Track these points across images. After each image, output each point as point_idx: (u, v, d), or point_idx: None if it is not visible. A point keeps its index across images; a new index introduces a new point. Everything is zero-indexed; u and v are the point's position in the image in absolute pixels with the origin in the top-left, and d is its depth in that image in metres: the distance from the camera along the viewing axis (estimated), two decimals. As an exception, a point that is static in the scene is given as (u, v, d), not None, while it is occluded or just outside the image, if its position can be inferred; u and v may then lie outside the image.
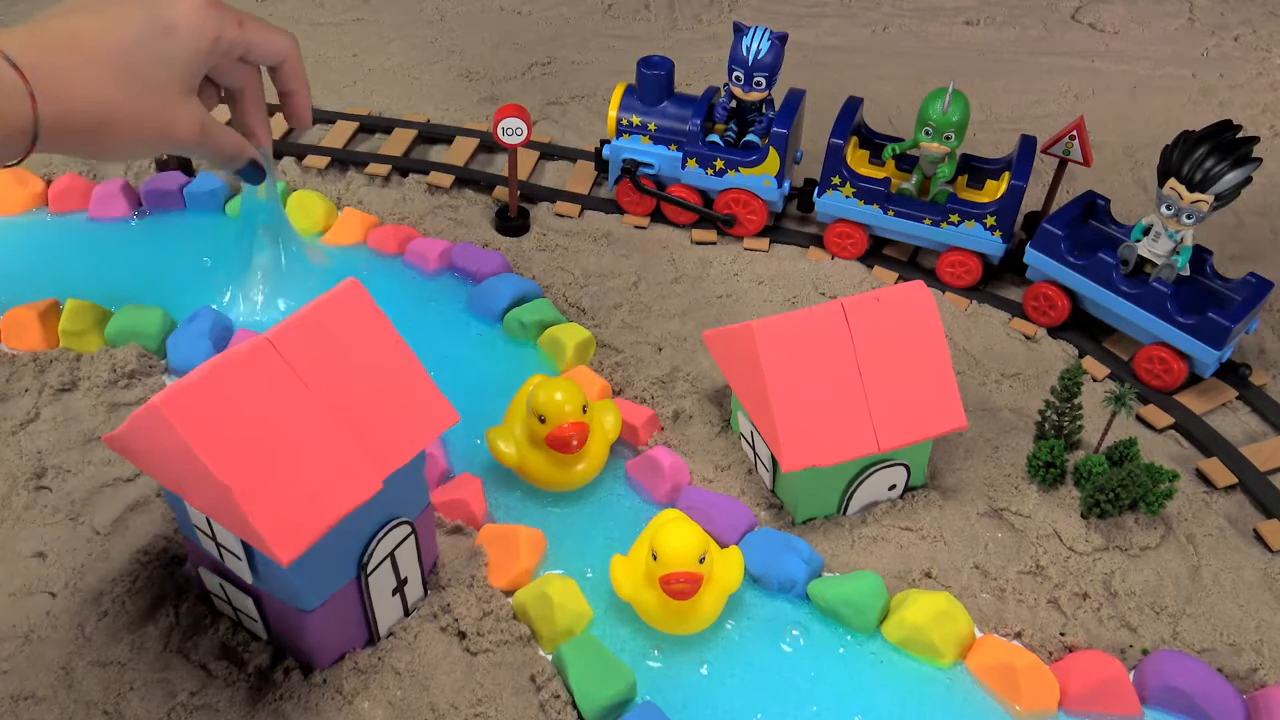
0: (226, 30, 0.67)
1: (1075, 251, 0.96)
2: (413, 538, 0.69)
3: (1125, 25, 1.53)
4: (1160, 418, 0.92)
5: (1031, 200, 1.11)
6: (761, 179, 1.05)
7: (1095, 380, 0.95)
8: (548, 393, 0.76)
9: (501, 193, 1.13)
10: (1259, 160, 0.86)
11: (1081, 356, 0.98)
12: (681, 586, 0.67)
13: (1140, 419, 0.92)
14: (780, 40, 1.00)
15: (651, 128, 1.06)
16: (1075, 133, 0.98)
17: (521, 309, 0.95)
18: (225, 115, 0.78)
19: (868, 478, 0.79)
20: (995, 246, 1.01)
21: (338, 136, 1.19)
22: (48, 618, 0.71)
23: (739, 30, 1.00)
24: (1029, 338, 0.99)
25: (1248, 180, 0.86)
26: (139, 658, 0.69)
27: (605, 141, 1.11)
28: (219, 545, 0.64)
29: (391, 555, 0.68)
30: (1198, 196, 0.86)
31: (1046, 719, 0.69)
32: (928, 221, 1.02)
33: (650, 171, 1.08)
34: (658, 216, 1.11)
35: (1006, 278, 1.06)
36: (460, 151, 1.18)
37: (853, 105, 1.05)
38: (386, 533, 0.66)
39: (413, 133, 1.20)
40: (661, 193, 1.09)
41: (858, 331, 0.76)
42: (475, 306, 0.97)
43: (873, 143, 1.07)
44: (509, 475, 0.82)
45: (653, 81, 1.05)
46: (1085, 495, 0.80)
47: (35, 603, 0.72)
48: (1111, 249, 0.94)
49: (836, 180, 1.03)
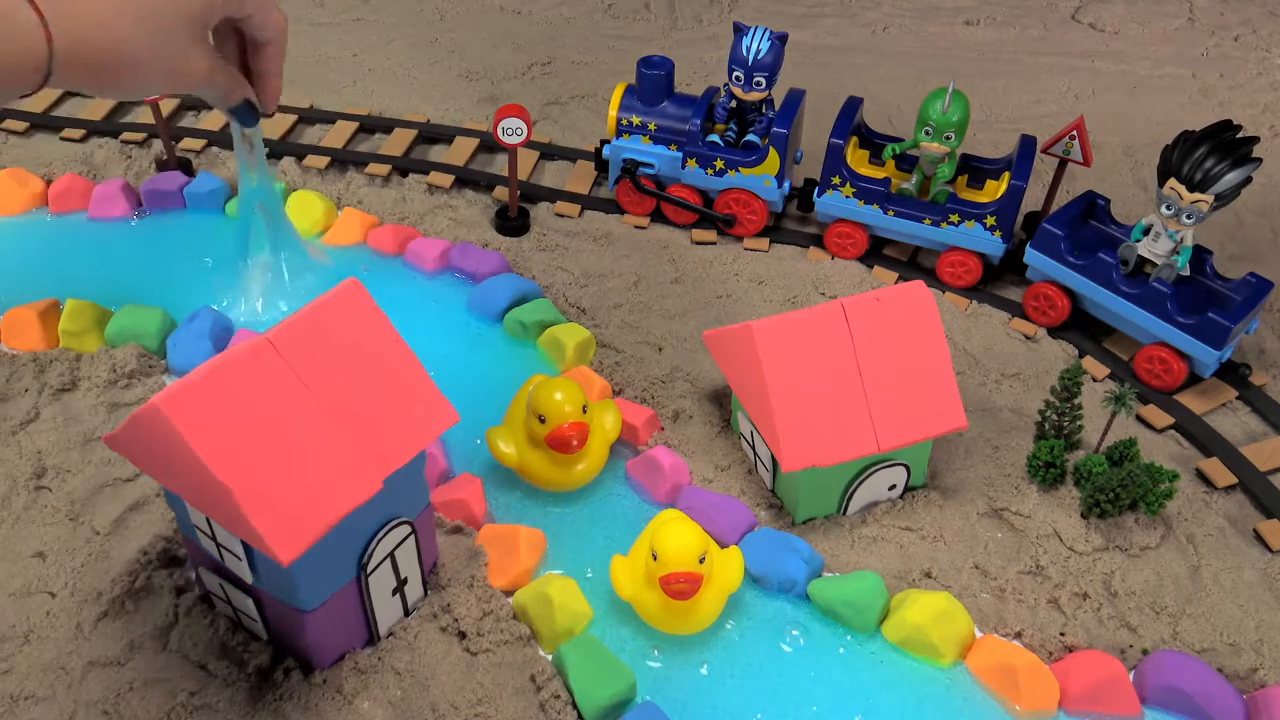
0: None
1: (1075, 251, 0.96)
2: (413, 538, 0.69)
3: (1125, 25, 1.53)
4: (1160, 418, 0.92)
5: (1031, 200, 1.11)
6: (761, 179, 1.05)
7: (1095, 380, 0.95)
8: (548, 393, 0.76)
9: (501, 193, 1.13)
10: (1259, 160, 0.86)
11: (1081, 356, 0.98)
12: (681, 586, 0.67)
13: (1140, 419, 0.92)
14: (780, 40, 1.00)
15: (651, 128, 1.06)
16: (1075, 133, 0.98)
17: (521, 309, 0.95)
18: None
19: (868, 478, 0.79)
20: (995, 246, 1.01)
21: (338, 136, 1.19)
22: (48, 618, 0.71)
23: (739, 30, 1.00)
24: (1029, 338, 0.99)
25: (1248, 180, 0.86)
26: (139, 658, 0.69)
27: (605, 141, 1.11)
28: (219, 545, 0.64)
29: (391, 555, 0.68)
30: (1198, 196, 0.86)
31: (1046, 719, 0.69)
32: (928, 221, 1.02)
33: (650, 171, 1.08)
34: (658, 216, 1.11)
35: (1006, 278, 1.06)
36: (460, 151, 1.18)
37: (853, 105, 1.05)
38: (386, 533, 0.66)
39: (413, 133, 1.20)
40: (661, 193, 1.09)
41: (858, 331, 0.76)
42: (475, 306, 0.97)
43: (873, 143, 1.07)
44: (509, 475, 0.82)
45: (653, 81, 1.05)
46: (1085, 495, 0.80)
47: (35, 603, 0.72)
48: (1111, 249, 0.94)
49: (836, 180, 1.03)
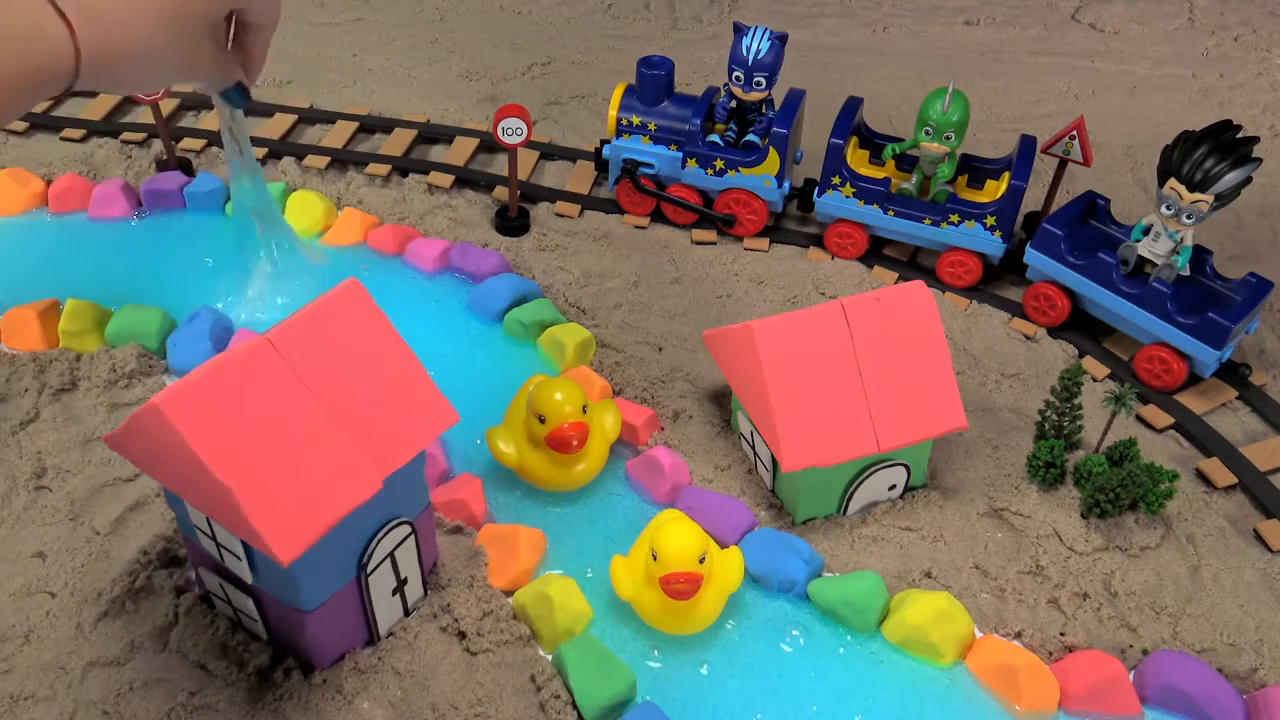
0: None
1: (1075, 251, 0.96)
2: (413, 538, 0.69)
3: (1125, 25, 1.53)
4: (1160, 418, 0.92)
5: (1031, 200, 1.11)
6: (761, 179, 1.05)
7: (1095, 380, 0.95)
8: (548, 393, 0.76)
9: (501, 193, 1.13)
10: (1259, 160, 0.86)
11: (1081, 356, 0.98)
12: (681, 586, 0.67)
13: (1140, 419, 0.92)
14: (780, 40, 1.00)
15: (651, 128, 1.06)
16: (1075, 133, 0.98)
17: (521, 309, 0.95)
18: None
19: (868, 478, 0.79)
20: (995, 246, 1.01)
21: (338, 136, 1.19)
22: (48, 618, 0.71)
23: (739, 30, 1.00)
24: (1029, 338, 0.99)
25: (1248, 180, 0.86)
26: (139, 658, 0.69)
27: (605, 141, 1.11)
28: (219, 545, 0.64)
29: (391, 555, 0.68)
30: (1198, 196, 0.86)
31: (1046, 719, 0.69)
32: (928, 221, 1.02)
33: (650, 171, 1.08)
34: (658, 216, 1.11)
35: (1006, 278, 1.06)
36: (460, 151, 1.18)
37: (853, 105, 1.05)
38: (386, 533, 0.66)
39: (413, 133, 1.20)
40: (661, 193, 1.09)
41: (858, 331, 0.76)
42: (475, 306, 0.97)
43: (873, 143, 1.07)
44: (509, 475, 0.82)
45: (653, 81, 1.05)
46: (1085, 495, 0.80)
47: (35, 603, 0.72)
48: (1111, 249, 0.94)
49: (836, 180, 1.03)
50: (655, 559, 0.68)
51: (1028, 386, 0.94)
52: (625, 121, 1.07)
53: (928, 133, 0.97)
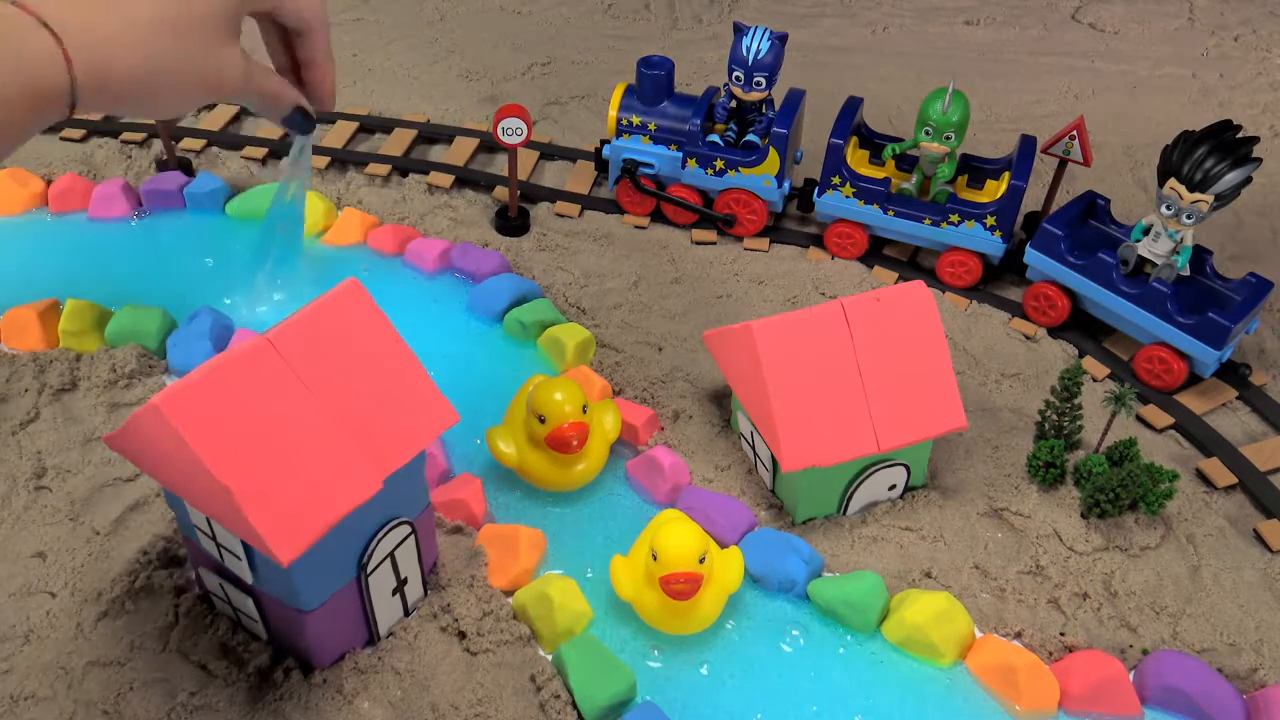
0: None
1: (1075, 251, 0.96)
2: (413, 538, 0.69)
3: (1125, 25, 1.53)
4: (1160, 418, 0.92)
5: (1031, 200, 1.11)
6: (761, 179, 1.05)
7: (1095, 380, 0.95)
8: (548, 393, 0.76)
9: (501, 193, 1.13)
10: (1259, 160, 0.86)
11: (1081, 356, 0.98)
12: (681, 587, 0.67)
13: (1140, 419, 0.92)
14: (780, 40, 1.00)
15: (651, 128, 1.06)
16: (1075, 133, 0.98)
17: (521, 309, 0.95)
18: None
19: (868, 478, 0.79)
20: (995, 246, 1.01)
21: (338, 136, 1.19)
22: (48, 618, 0.71)
23: (739, 30, 1.00)
24: (1029, 338, 0.99)
25: (1248, 180, 0.86)
26: (139, 658, 0.69)
27: (605, 141, 1.11)
28: (219, 545, 0.64)
29: (391, 555, 0.68)
30: (1198, 196, 0.86)
31: (1046, 719, 0.69)
32: (928, 221, 1.02)
33: (650, 171, 1.08)
34: (658, 216, 1.11)
35: (1006, 278, 1.06)
36: (460, 151, 1.18)
37: (853, 105, 1.05)
38: (386, 533, 0.66)
39: (413, 133, 1.20)
40: (661, 193, 1.09)
41: (858, 331, 0.76)
42: (475, 306, 0.97)
43: (873, 143, 1.07)
44: (509, 475, 0.82)
45: (653, 81, 1.05)
46: (1085, 495, 0.80)
47: (35, 603, 0.72)
48: (1111, 249, 0.94)
49: (836, 180, 1.03)
50: (655, 559, 0.68)
51: (1028, 386, 0.94)
52: (625, 121, 1.07)
53: (928, 133, 0.97)
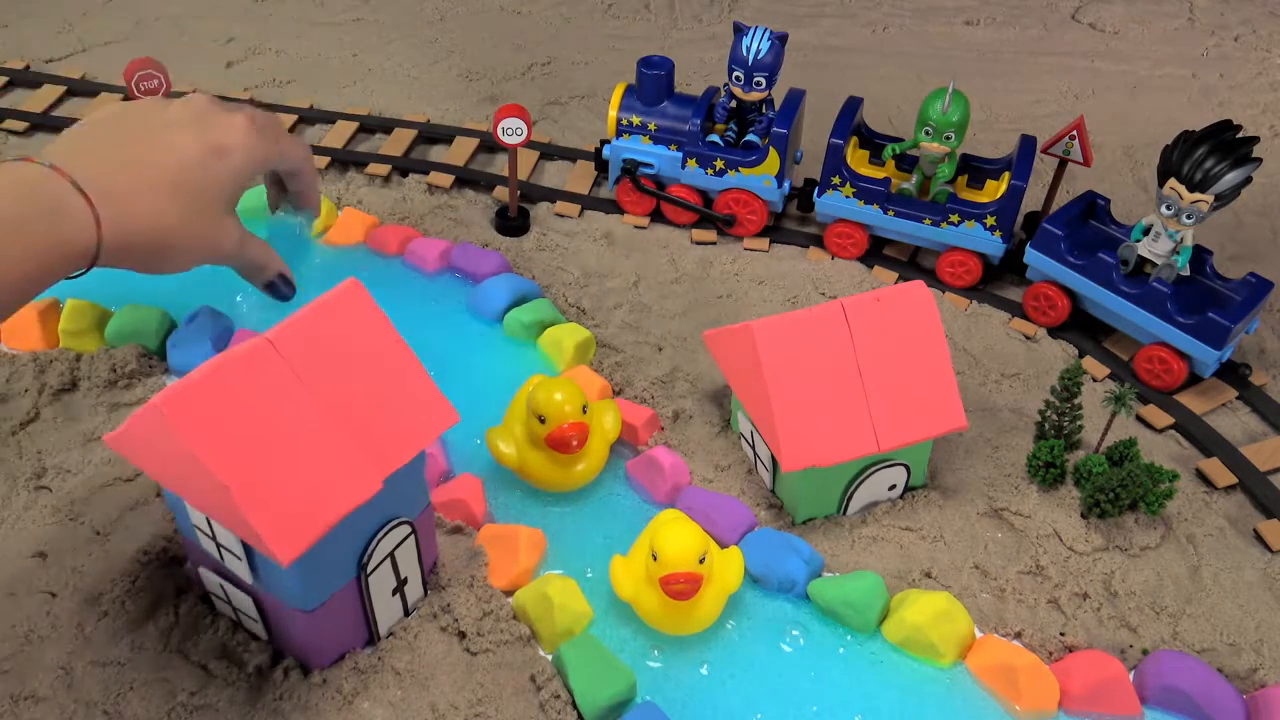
0: (268, 149, 0.72)
1: (1075, 251, 0.96)
2: (413, 538, 0.69)
3: (1125, 25, 1.53)
4: (1160, 418, 0.92)
5: (1031, 200, 1.11)
6: (761, 179, 1.05)
7: (1095, 380, 0.95)
8: (548, 393, 0.76)
9: (501, 193, 1.13)
10: (1259, 160, 0.86)
11: (1081, 356, 0.98)
12: (681, 587, 0.67)
13: (1140, 419, 0.92)
14: (780, 40, 1.00)
15: (651, 128, 1.06)
16: (1075, 133, 0.98)
17: (521, 309, 0.95)
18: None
19: (868, 478, 0.79)
20: (995, 246, 1.01)
21: (338, 136, 1.19)
22: (48, 618, 0.71)
23: (739, 30, 1.00)
24: (1029, 338, 0.99)
25: (1248, 180, 0.86)
26: (139, 658, 0.69)
27: (605, 141, 1.11)
28: (219, 545, 0.64)
29: (391, 555, 0.68)
30: (1198, 196, 0.86)
31: (1046, 719, 0.69)
32: (928, 221, 1.02)
33: (650, 171, 1.08)
34: (658, 216, 1.11)
35: (1006, 278, 1.06)
36: (460, 151, 1.18)
37: (853, 105, 1.05)
38: (386, 533, 0.66)
39: (413, 133, 1.20)
40: (661, 193, 1.09)
41: (858, 331, 0.76)
42: (475, 306, 0.97)
43: (873, 143, 1.07)
44: (509, 475, 0.82)
45: (653, 81, 1.05)
46: (1085, 495, 0.80)
47: (35, 603, 0.72)
48: (1111, 249, 0.94)
49: (836, 180, 1.03)
50: (655, 559, 0.68)
51: (1028, 386, 0.94)
52: (625, 121, 1.07)
53: (928, 133, 0.97)
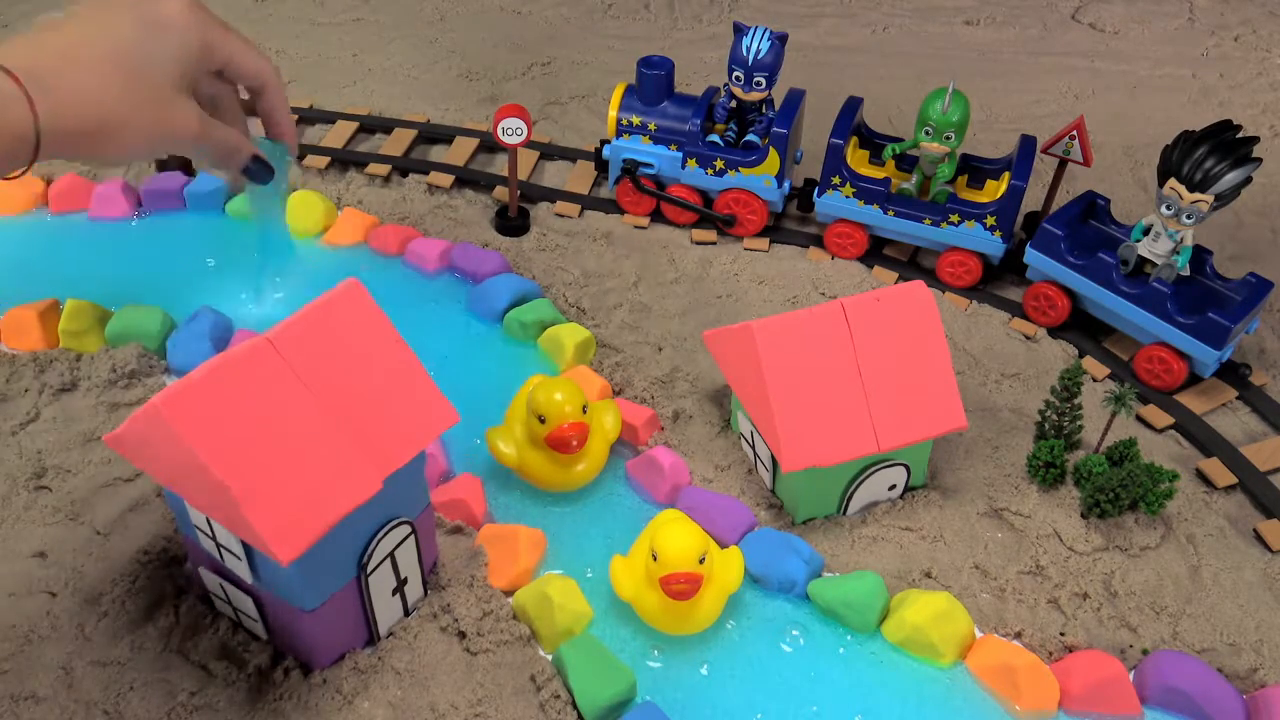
0: (213, 33, 0.68)
1: (1075, 251, 0.96)
2: (413, 538, 0.69)
3: (1125, 25, 1.53)
4: (1160, 418, 0.92)
5: (1031, 200, 1.11)
6: (761, 179, 1.05)
7: (1095, 380, 0.95)
8: (548, 393, 0.76)
9: (501, 193, 1.13)
10: (1259, 160, 0.86)
11: (1081, 356, 0.98)
12: (681, 587, 0.67)
13: (1140, 419, 0.92)
14: (780, 40, 1.00)
15: (651, 128, 1.06)
16: (1075, 133, 0.98)
17: (521, 309, 0.95)
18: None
19: (868, 478, 0.79)
20: (995, 246, 1.01)
21: (338, 136, 1.19)
22: (48, 618, 0.71)
23: (739, 30, 1.00)
24: (1029, 338, 0.99)
25: (1248, 180, 0.86)
26: (139, 658, 0.69)
27: (605, 141, 1.11)
28: (219, 545, 0.64)
29: (391, 555, 0.68)
30: (1198, 196, 0.86)
31: (1046, 719, 0.69)
32: (928, 221, 1.02)
33: (650, 171, 1.08)
34: (658, 216, 1.11)
35: (1006, 278, 1.06)
36: (460, 151, 1.18)
37: (853, 105, 1.05)
38: (386, 533, 0.66)
39: (413, 133, 1.20)
40: (661, 193, 1.09)
41: (858, 331, 0.76)
42: (475, 306, 0.97)
43: (873, 143, 1.07)
44: (509, 475, 0.82)
45: (653, 81, 1.05)
46: (1085, 495, 0.80)
47: (35, 603, 0.72)
48: (1111, 249, 0.94)
49: (836, 180, 1.03)
50: (655, 559, 0.68)
51: (1028, 386, 0.94)
52: (625, 121, 1.07)
53: (928, 133, 0.97)
